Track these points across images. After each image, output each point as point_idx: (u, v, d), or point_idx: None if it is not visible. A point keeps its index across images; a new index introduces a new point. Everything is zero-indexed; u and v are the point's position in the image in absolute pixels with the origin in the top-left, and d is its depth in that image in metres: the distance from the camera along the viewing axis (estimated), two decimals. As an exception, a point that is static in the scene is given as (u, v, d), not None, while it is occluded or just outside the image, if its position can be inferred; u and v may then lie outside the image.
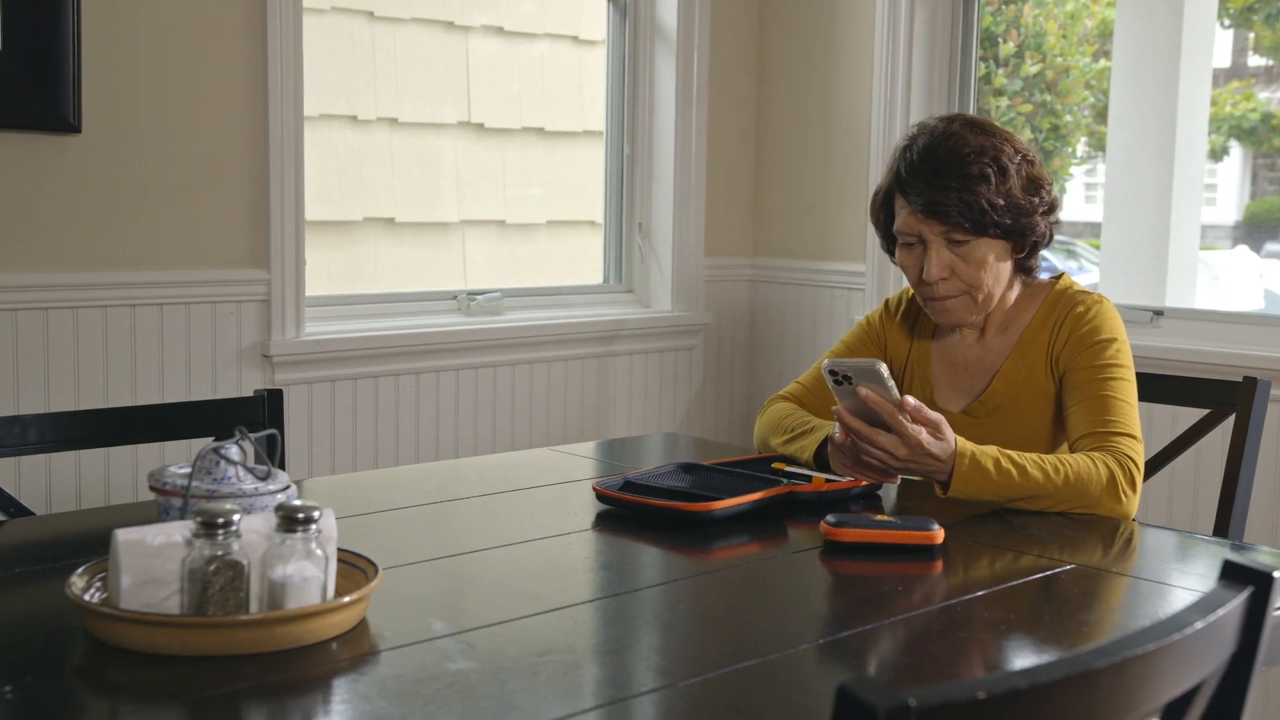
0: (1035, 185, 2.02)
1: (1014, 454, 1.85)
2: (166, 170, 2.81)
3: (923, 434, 1.80)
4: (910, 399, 1.80)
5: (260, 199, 2.93)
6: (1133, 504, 1.88)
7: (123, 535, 1.27)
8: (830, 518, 1.69)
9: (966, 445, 1.83)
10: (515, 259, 3.66)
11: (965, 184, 1.96)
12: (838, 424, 1.87)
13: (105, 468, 2.75)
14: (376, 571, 1.36)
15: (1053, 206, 2.05)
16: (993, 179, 1.97)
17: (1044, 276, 2.13)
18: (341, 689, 1.20)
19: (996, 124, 2.06)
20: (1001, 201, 1.97)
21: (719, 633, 1.41)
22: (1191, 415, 2.29)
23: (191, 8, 2.81)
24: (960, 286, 2.01)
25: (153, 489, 1.47)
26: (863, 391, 1.80)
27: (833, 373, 1.83)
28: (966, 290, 2.01)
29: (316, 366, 3.04)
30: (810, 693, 1.22)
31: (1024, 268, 2.08)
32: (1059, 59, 4.72)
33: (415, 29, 3.41)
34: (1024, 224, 2.00)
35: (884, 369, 1.79)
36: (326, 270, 3.28)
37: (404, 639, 1.30)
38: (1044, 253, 2.10)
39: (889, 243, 2.12)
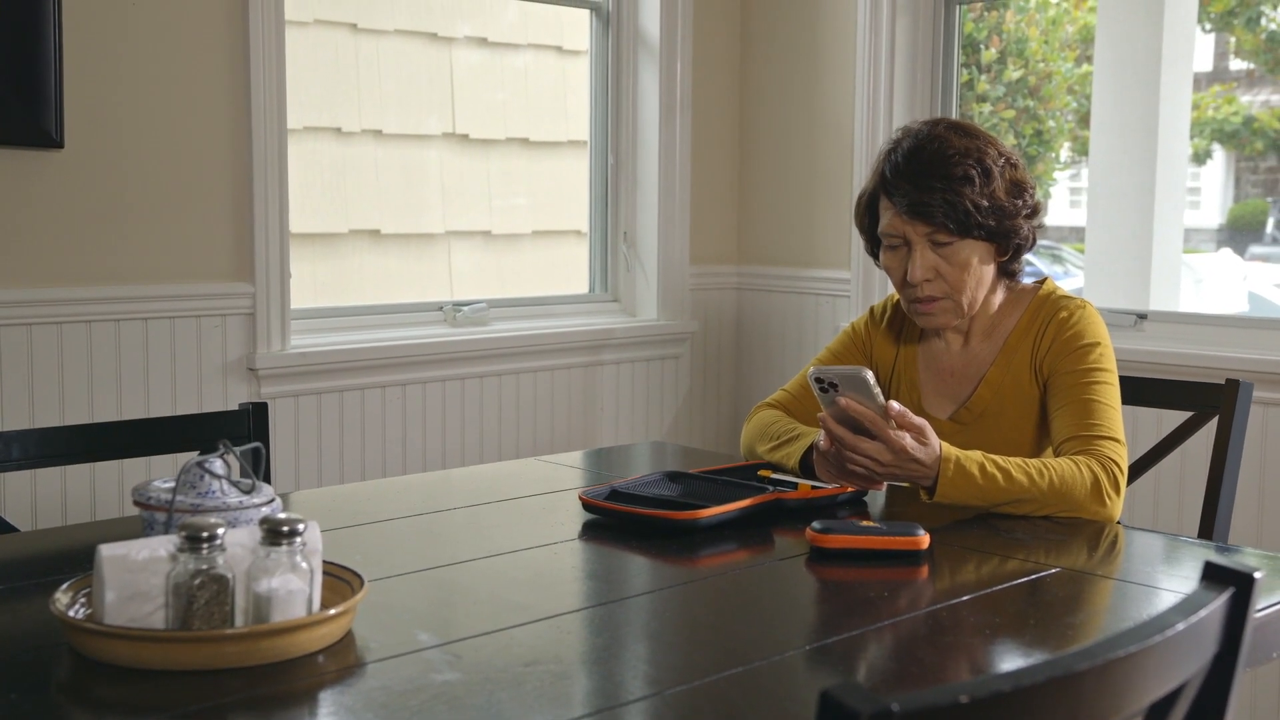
0: (1019, 188, 2.03)
1: (998, 458, 1.85)
2: (150, 184, 2.81)
3: (907, 439, 1.80)
4: (895, 404, 1.81)
5: (244, 212, 2.93)
6: (1116, 507, 1.88)
7: (107, 550, 1.27)
8: (816, 524, 1.69)
9: (951, 450, 1.83)
10: (501, 269, 3.66)
11: (949, 185, 1.97)
12: (823, 431, 1.87)
13: (90, 483, 2.74)
14: (362, 583, 1.36)
15: (1036, 210, 2.06)
16: (977, 180, 1.97)
17: (1028, 281, 2.14)
18: (328, 702, 1.20)
19: (980, 127, 2.07)
20: (985, 203, 1.98)
21: (706, 640, 1.41)
22: (1176, 418, 2.29)
23: (173, 21, 2.81)
24: (944, 289, 2.02)
25: (137, 504, 1.47)
26: (847, 398, 1.81)
27: (818, 380, 1.83)
28: (950, 292, 2.02)
29: (302, 379, 3.03)
30: (797, 699, 1.22)
31: (1007, 271, 2.09)
32: (1041, 64, 4.74)
33: (399, 40, 3.41)
34: (1007, 226, 2.01)
35: (870, 376, 1.79)
36: (312, 282, 3.28)
37: (390, 651, 1.30)
38: (1028, 257, 2.11)
39: (873, 245, 2.13)
